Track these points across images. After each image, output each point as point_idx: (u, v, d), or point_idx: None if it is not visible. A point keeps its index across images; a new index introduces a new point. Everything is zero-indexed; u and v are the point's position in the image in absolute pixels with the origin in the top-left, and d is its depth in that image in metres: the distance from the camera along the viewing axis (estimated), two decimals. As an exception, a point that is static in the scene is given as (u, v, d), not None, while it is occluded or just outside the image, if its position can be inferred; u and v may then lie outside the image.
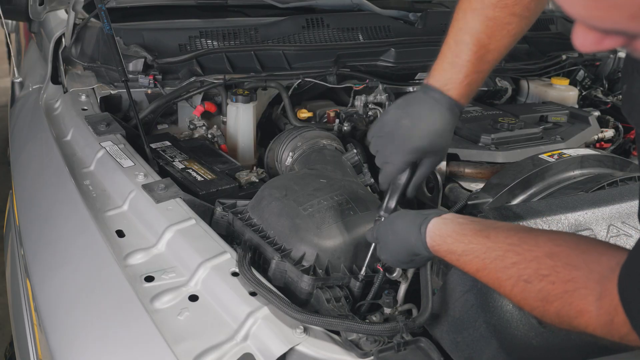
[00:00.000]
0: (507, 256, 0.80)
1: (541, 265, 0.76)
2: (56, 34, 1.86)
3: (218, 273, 1.00)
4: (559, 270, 0.74)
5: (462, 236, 0.87)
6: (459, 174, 1.54)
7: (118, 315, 0.94)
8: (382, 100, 1.83)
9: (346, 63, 1.93)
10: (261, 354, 0.88)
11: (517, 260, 0.79)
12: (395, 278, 1.04)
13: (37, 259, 1.18)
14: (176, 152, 1.50)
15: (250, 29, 1.93)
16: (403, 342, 0.87)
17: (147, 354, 0.87)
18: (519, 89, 2.24)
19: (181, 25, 1.91)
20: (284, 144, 1.60)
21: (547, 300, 0.74)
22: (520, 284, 0.77)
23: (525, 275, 0.77)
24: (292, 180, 1.25)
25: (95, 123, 1.47)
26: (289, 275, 1.05)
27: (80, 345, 0.93)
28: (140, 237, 1.12)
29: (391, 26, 2.08)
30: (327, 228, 1.10)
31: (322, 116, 1.86)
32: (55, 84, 1.79)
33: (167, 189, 1.22)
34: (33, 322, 1.17)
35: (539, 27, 2.43)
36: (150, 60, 1.73)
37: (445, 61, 1.12)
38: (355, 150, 1.53)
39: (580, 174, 1.38)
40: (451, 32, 1.15)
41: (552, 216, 1.07)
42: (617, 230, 1.08)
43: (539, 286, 0.75)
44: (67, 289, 1.05)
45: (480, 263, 0.83)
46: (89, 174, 1.34)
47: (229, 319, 0.93)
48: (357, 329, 0.89)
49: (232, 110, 1.71)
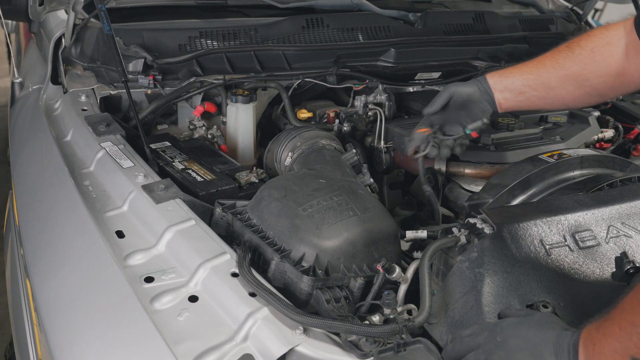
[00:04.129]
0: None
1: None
2: (56, 34, 1.86)
3: (218, 274, 1.00)
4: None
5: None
6: (458, 174, 1.54)
7: (118, 316, 0.94)
8: (382, 100, 1.83)
9: (346, 63, 1.93)
10: (261, 354, 0.88)
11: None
12: (395, 279, 1.04)
13: (37, 259, 1.18)
14: (176, 153, 1.50)
15: (250, 29, 1.93)
16: (403, 343, 0.87)
17: (147, 354, 0.87)
18: (519, 89, 2.24)
19: (181, 25, 1.91)
20: (283, 144, 1.60)
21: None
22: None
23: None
24: (292, 181, 1.25)
25: (95, 123, 1.47)
26: (289, 275, 1.05)
27: (80, 345, 0.93)
28: (140, 238, 1.12)
29: (391, 26, 2.08)
30: (326, 228, 1.10)
31: (322, 116, 1.86)
32: (55, 85, 1.79)
33: (166, 189, 1.22)
34: (33, 322, 1.17)
35: (539, 27, 2.43)
36: (150, 61, 1.73)
37: (516, 68, 1.29)
38: (354, 150, 1.53)
39: (580, 174, 1.38)
40: (547, 54, 1.28)
41: (552, 216, 1.07)
42: (616, 231, 1.08)
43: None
44: (67, 289, 1.05)
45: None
46: (88, 174, 1.34)
47: (229, 319, 0.93)
48: (357, 330, 0.89)
49: (232, 110, 1.71)
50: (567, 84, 1.22)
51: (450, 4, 2.59)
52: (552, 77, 1.23)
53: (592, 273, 1.03)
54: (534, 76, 1.25)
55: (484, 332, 0.87)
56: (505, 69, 1.32)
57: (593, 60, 1.19)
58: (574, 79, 1.21)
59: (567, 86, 1.22)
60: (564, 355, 0.79)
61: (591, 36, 1.22)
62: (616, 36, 1.18)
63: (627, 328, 0.74)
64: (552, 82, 1.23)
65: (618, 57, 1.17)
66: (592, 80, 1.20)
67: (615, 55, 1.17)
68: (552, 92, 1.24)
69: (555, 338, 0.81)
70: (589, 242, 1.05)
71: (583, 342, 0.79)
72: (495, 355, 0.83)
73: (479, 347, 0.86)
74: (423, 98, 1.95)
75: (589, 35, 1.22)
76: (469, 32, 2.22)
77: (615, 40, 1.18)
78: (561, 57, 1.23)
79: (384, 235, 1.15)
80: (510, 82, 1.29)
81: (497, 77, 1.32)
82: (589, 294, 1.00)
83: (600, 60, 1.18)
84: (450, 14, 2.31)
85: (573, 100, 1.25)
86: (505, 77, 1.30)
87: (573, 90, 1.22)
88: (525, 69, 1.27)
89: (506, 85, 1.30)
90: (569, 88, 1.22)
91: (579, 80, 1.21)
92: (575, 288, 1.00)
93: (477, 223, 1.07)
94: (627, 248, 1.06)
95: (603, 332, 0.77)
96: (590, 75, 1.19)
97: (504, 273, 0.98)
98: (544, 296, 0.98)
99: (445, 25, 2.19)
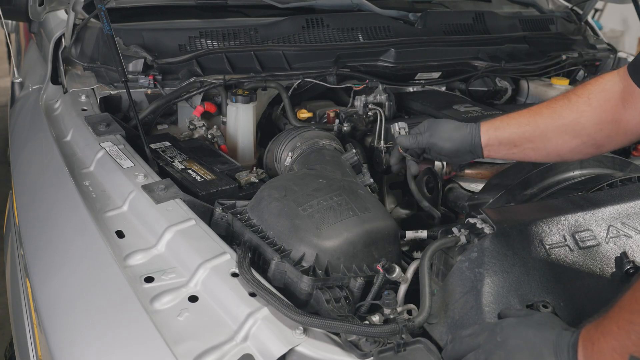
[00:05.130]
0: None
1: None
2: (56, 34, 1.86)
3: (218, 274, 1.00)
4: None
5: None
6: (458, 174, 1.54)
7: (118, 316, 0.94)
8: (382, 100, 1.83)
9: (346, 63, 1.93)
10: (261, 354, 0.88)
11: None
12: (395, 279, 1.04)
13: (37, 259, 1.18)
14: (176, 153, 1.50)
15: (250, 29, 1.93)
16: (403, 343, 0.88)
17: (147, 354, 0.87)
18: (518, 89, 2.24)
19: (181, 25, 1.91)
20: (283, 144, 1.60)
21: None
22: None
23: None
24: (292, 181, 1.25)
25: (95, 123, 1.47)
26: (289, 275, 1.05)
27: (80, 345, 0.93)
28: (140, 238, 1.12)
29: (391, 26, 2.08)
30: (326, 228, 1.10)
31: (322, 116, 1.86)
32: (55, 85, 1.79)
33: (166, 189, 1.22)
34: (33, 322, 1.17)
35: (539, 27, 2.43)
36: (150, 61, 1.73)
37: (512, 117, 1.28)
38: (354, 150, 1.53)
39: (580, 174, 1.38)
40: (543, 103, 1.27)
41: (552, 216, 1.07)
42: (616, 231, 1.08)
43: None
44: (67, 289, 1.05)
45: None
46: (88, 174, 1.34)
47: (229, 319, 0.93)
48: (357, 330, 0.89)
49: (232, 110, 1.71)
50: (564, 133, 1.21)
51: (450, 4, 2.59)
52: (549, 127, 1.22)
53: (592, 273, 1.03)
54: (532, 127, 1.23)
55: (484, 332, 0.87)
56: (502, 119, 1.28)
57: (590, 107, 1.19)
58: (571, 127, 1.20)
59: (564, 136, 1.21)
60: (564, 355, 0.79)
61: (587, 85, 1.22)
62: (611, 82, 1.19)
63: (625, 326, 0.74)
64: (549, 133, 1.22)
65: (614, 103, 1.17)
66: (589, 129, 1.19)
67: (611, 100, 1.17)
68: (548, 143, 1.23)
69: (555, 338, 0.82)
70: (589, 242, 1.06)
71: (582, 341, 0.79)
72: (495, 355, 0.84)
73: (479, 347, 0.86)
74: (423, 98, 1.95)
75: (585, 85, 1.23)
76: (469, 32, 2.22)
77: (610, 86, 1.19)
78: (558, 106, 1.22)
79: (384, 235, 1.15)
80: (505, 135, 1.26)
81: (493, 132, 1.27)
82: (589, 294, 1.00)
83: (597, 106, 1.18)
84: (450, 14, 2.31)
85: (569, 150, 1.23)
86: (501, 130, 1.27)
87: (569, 140, 1.21)
88: (522, 120, 1.25)
89: (501, 140, 1.27)
90: (566, 138, 1.21)
91: (576, 129, 1.20)
92: (575, 288, 1.00)
93: (477, 223, 1.07)
94: (627, 248, 1.06)
95: (602, 331, 0.77)
96: (587, 122, 1.19)
97: (504, 273, 0.98)
98: (544, 296, 0.98)
99: (445, 25, 2.19)
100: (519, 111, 1.26)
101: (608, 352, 0.75)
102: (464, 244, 1.06)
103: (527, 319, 0.87)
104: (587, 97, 1.19)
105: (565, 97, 1.22)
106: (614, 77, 1.19)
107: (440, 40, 2.13)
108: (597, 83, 1.20)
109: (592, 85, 1.21)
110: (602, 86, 1.19)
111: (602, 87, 1.19)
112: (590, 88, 1.20)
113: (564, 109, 1.20)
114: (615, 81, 1.18)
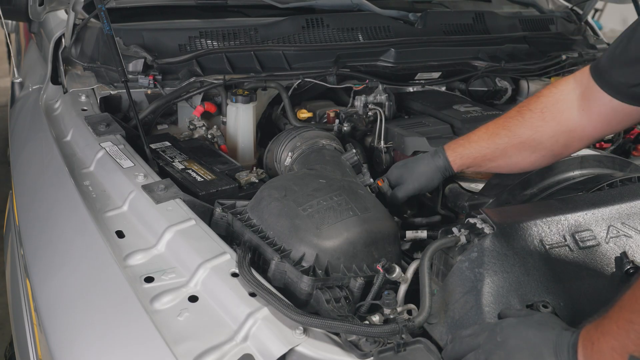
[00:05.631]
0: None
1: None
2: (56, 34, 1.86)
3: (218, 274, 1.00)
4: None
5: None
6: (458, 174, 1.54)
7: (118, 316, 0.94)
8: (382, 100, 1.83)
9: (346, 63, 1.93)
10: (261, 354, 0.88)
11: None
12: (395, 279, 1.04)
13: (37, 259, 1.18)
14: (176, 153, 1.50)
15: (250, 29, 1.93)
16: (403, 343, 0.88)
17: (147, 354, 0.87)
18: (518, 89, 2.24)
19: (181, 25, 1.91)
20: (283, 144, 1.60)
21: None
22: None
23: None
24: (292, 181, 1.25)
25: (95, 123, 1.47)
26: (289, 275, 1.05)
27: (80, 345, 0.93)
28: (140, 238, 1.12)
29: (391, 26, 2.08)
30: (326, 228, 1.10)
31: (322, 116, 1.86)
32: (55, 85, 1.79)
33: (166, 189, 1.22)
34: (33, 322, 1.17)
35: (539, 27, 2.43)
36: (150, 61, 1.73)
37: (473, 140, 1.33)
38: (354, 150, 1.53)
39: (580, 174, 1.38)
40: (500, 120, 1.32)
41: (552, 216, 1.07)
42: (616, 231, 1.08)
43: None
44: (67, 289, 1.05)
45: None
46: (88, 174, 1.34)
47: (229, 319, 0.93)
48: (357, 330, 0.89)
49: (232, 110, 1.71)
50: (522, 150, 1.26)
51: (450, 4, 2.59)
52: (507, 146, 1.27)
53: (592, 273, 1.03)
54: (491, 149, 1.29)
55: (484, 332, 0.87)
56: (464, 144, 1.34)
57: (543, 121, 1.22)
58: (527, 144, 1.25)
59: (522, 153, 1.26)
60: (564, 355, 0.79)
61: (540, 97, 1.25)
62: (565, 91, 1.22)
63: (624, 326, 0.74)
64: (508, 152, 1.28)
65: (568, 114, 1.20)
66: (545, 142, 1.23)
67: (566, 112, 1.20)
68: (509, 160, 1.29)
69: (555, 338, 0.82)
70: (589, 242, 1.06)
71: (582, 341, 0.79)
72: (496, 356, 0.84)
73: (479, 347, 0.86)
74: (423, 98, 1.95)
75: (538, 97, 1.26)
76: (469, 32, 2.22)
77: (564, 96, 1.22)
78: (513, 125, 1.26)
79: (384, 235, 1.15)
80: (469, 161, 1.33)
81: (459, 160, 1.35)
82: (589, 294, 1.00)
83: (551, 119, 1.22)
84: (450, 14, 2.31)
85: (529, 164, 1.29)
86: (465, 157, 1.33)
87: (528, 156, 1.26)
88: (482, 143, 1.31)
89: (464, 161, 1.34)
90: (524, 154, 1.26)
91: (533, 145, 1.24)
92: (575, 288, 1.00)
93: (477, 223, 1.07)
94: (627, 248, 1.06)
95: (601, 330, 0.77)
96: (543, 137, 1.23)
97: (504, 273, 0.98)
98: (544, 296, 0.98)
99: (445, 25, 2.19)
100: (478, 132, 1.32)
101: (608, 352, 0.75)
102: (464, 244, 1.06)
103: (527, 319, 0.87)
104: (541, 111, 1.23)
105: (519, 114, 1.27)
106: (569, 83, 1.22)
107: (440, 40, 2.13)
108: (551, 94, 1.23)
109: (546, 97, 1.24)
110: (555, 97, 1.22)
111: (556, 98, 1.22)
112: (544, 101, 1.24)
113: (518, 127, 1.26)
114: (570, 88, 1.21)
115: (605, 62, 1.15)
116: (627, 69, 1.10)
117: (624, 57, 1.11)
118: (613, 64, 1.13)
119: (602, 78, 1.15)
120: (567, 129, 1.20)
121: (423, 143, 1.61)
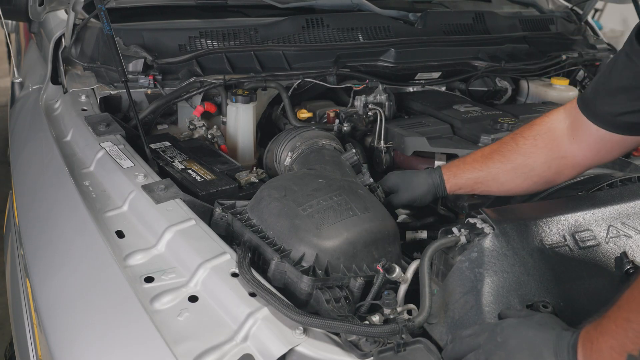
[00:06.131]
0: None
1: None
2: (56, 34, 1.86)
3: (218, 274, 1.00)
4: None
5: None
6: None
7: (118, 316, 0.94)
8: (382, 100, 1.83)
9: (346, 63, 1.93)
10: (261, 354, 0.88)
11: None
12: (395, 279, 1.04)
13: (37, 259, 1.18)
14: (176, 153, 1.50)
15: (250, 29, 1.93)
16: (403, 343, 0.87)
17: (147, 354, 0.87)
18: (518, 89, 2.24)
19: (181, 25, 1.91)
20: (283, 144, 1.60)
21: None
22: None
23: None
24: (291, 181, 1.25)
25: (95, 123, 1.47)
26: (289, 275, 1.05)
27: (80, 345, 0.93)
28: (140, 238, 1.12)
29: (391, 26, 2.08)
30: (326, 228, 1.10)
31: (322, 116, 1.86)
32: (55, 84, 1.79)
33: (166, 189, 1.22)
34: (33, 322, 1.17)
35: (539, 27, 2.43)
36: (150, 61, 1.73)
37: (468, 162, 1.37)
38: (354, 150, 1.53)
39: (580, 174, 1.38)
40: (494, 146, 1.35)
41: (552, 216, 1.07)
42: (616, 231, 1.08)
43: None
44: (67, 289, 1.05)
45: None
46: (88, 174, 1.34)
47: (229, 319, 0.93)
48: (357, 330, 0.89)
49: (232, 110, 1.71)
50: (514, 176, 1.29)
51: (450, 4, 2.59)
52: (500, 172, 1.30)
53: (592, 273, 1.03)
54: (484, 173, 1.32)
55: (484, 333, 0.87)
56: (458, 165, 1.37)
57: (536, 148, 1.26)
58: (520, 170, 1.28)
59: (515, 179, 1.29)
60: (564, 355, 0.79)
61: (533, 125, 1.29)
62: (556, 120, 1.26)
63: (622, 324, 0.74)
64: (500, 177, 1.30)
65: (560, 141, 1.23)
66: (538, 169, 1.26)
67: (557, 139, 1.24)
68: (501, 186, 1.32)
69: (555, 338, 0.82)
70: (589, 242, 1.06)
71: (582, 341, 0.79)
72: (496, 356, 0.84)
73: (479, 348, 0.86)
74: (423, 98, 1.95)
75: (532, 125, 1.30)
76: (469, 32, 2.22)
77: (555, 124, 1.25)
78: (507, 150, 1.30)
79: (384, 235, 1.15)
80: (462, 181, 1.36)
81: (453, 179, 1.37)
82: (589, 294, 1.00)
83: (543, 146, 1.25)
84: (450, 14, 2.31)
85: (522, 190, 1.32)
86: (458, 177, 1.36)
87: (521, 183, 1.29)
88: (476, 165, 1.33)
89: (460, 185, 1.37)
90: (517, 181, 1.29)
91: (525, 171, 1.27)
92: (575, 288, 1.00)
93: (477, 223, 1.07)
94: (627, 248, 1.06)
95: (600, 330, 0.77)
96: (535, 163, 1.26)
97: (504, 273, 0.98)
98: (544, 296, 0.98)
99: (445, 25, 2.19)
100: (474, 155, 1.36)
101: (607, 351, 0.75)
102: (464, 244, 1.06)
103: (527, 319, 0.87)
104: (534, 139, 1.27)
105: (513, 141, 1.31)
106: (559, 114, 1.26)
107: (440, 40, 2.13)
108: (543, 123, 1.28)
109: (539, 125, 1.28)
110: (548, 126, 1.26)
111: (547, 126, 1.26)
112: (537, 129, 1.27)
113: (512, 153, 1.29)
114: (561, 118, 1.25)
115: (590, 93, 1.19)
116: (611, 99, 1.13)
117: (607, 87, 1.14)
118: (597, 94, 1.17)
119: (588, 109, 1.18)
120: (559, 155, 1.24)
121: (423, 143, 1.61)
